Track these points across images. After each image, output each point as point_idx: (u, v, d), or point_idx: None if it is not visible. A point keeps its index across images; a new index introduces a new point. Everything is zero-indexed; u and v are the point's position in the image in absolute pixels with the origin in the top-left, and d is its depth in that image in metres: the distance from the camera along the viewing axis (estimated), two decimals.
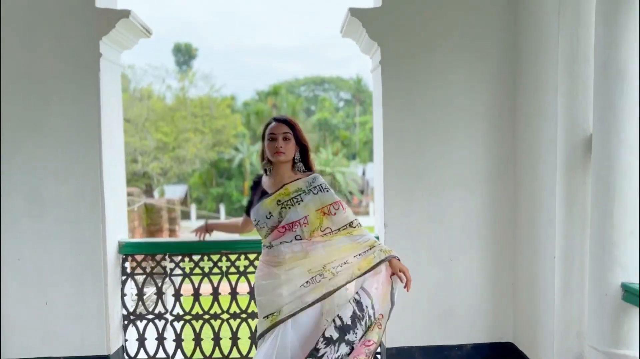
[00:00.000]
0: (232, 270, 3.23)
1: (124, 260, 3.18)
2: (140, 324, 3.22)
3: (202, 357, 3.24)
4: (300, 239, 2.33)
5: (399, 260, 2.33)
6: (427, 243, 3.12)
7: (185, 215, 32.34)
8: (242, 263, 3.25)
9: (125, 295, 3.19)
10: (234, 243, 3.21)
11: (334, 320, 2.24)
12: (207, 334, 3.27)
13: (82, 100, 2.93)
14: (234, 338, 3.24)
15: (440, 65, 3.05)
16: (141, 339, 3.21)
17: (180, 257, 3.20)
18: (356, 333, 2.23)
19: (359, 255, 2.34)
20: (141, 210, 8.84)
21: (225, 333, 3.26)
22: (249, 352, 3.26)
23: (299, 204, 2.35)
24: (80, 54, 2.92)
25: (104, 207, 2.99)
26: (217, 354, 3.24)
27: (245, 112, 39.58)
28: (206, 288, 3.26)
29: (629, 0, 2.18)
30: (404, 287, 2.32)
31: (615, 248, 2.25)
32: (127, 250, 3.15)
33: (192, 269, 3.22)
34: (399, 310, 2.41)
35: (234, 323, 3.26)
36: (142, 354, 3.23)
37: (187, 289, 3.29)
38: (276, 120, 2.43)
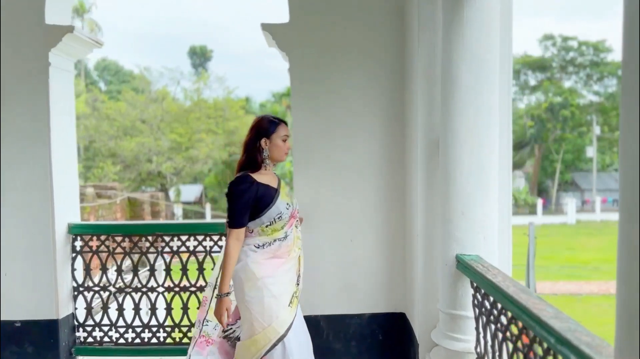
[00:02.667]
0: (167, 249, 3.73)
1: (74, 239, 3.70)
2: (88, 295, 3.74)
3: (140, 324, 3.74)
4: (297, 223, 2.71)
5: None
6: (332, 226, 3.58)
7: (200, 216, 33.15)
8: (175, 244, 3.74)
9: (75, 269, 3.71)
10: (168, 226, 3.71)
11: None
12: (145, 304, 3.78)
13: (34, 102, 3.47)
14: (168, 309, 3.74)
15: (340, 73, 3.51)
16: (88, 308, 3.73)
17: (121, 238, 3.72)
18: None
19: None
20: (124, 203, 9.45)
21: (160, 304, 3.76)
22: (181, 321, 3.75)
23: (292, 192, 2.85)
24: (33, 63, 3.46)
25: (52, 194, 3.51)
26: (153, 322, 3.75)
27: (260, 114, 40.17)
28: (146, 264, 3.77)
29: (459, 21, 2.61)
30: None
31: (451, 224, 2.68)
32: (75, 231, 3.68)
33: (131, 248, 3.74)
34: (307, 284, 2.88)
35: (168, 296, 3.76)
36: (89, 321, 3.75)
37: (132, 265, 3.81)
38: (283, 122, 2.68)
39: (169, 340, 3.70)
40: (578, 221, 34.19)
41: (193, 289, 3.68)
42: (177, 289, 3.72)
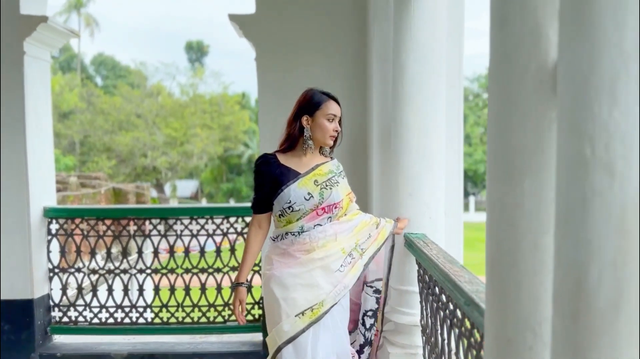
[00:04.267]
0: (139, 233, 3.88)
1: (49, 223, 3.84)
2: (63, 276, 3.89)
3: (114, 304, 3.89)
4: (331, 220, 2.30)
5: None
6: None
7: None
8: (147, 227, 3.89)
9: (50, 251, 3.85)
10: (139, 210, 3.85)
11: (367, 315, 2.49)
12: (117, 286, 3.92)
13: (9, 90, 3.60)
14: (140, 290, 3.88)
15: (304, 62, 3.64)
16: (64, 289, 3.87)
17: (94, 221, 3.86)
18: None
19: (374, 229, 2.44)
20: (109, 193, 9.60)
21: (133, 286, 3.91)
22: (152, 301, 3.89)
23: (337, 185, 2.32)
24: (7, 52, 3.59)
25: (28, 178, 3.65)
26: (126, 302, 3.89)
27: (256, 109, 40.23)
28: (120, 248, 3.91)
29: (407, 13, 2.75)
30: None
31: (400, 205, 2.82)
32: (51, 214, 3.81)
33: (104, 231, 3.88)
34: None
35: (140, 277, 3.89)
36: (64, 301, 3.90)
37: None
38: (333, 98, 2.37)
39: (141, 320, 3.84)
40: None
41: (164, 271, 3.82)
42: (148, 271, 3.86)
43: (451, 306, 2.03)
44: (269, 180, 2.26)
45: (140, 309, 3.84)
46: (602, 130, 0.75)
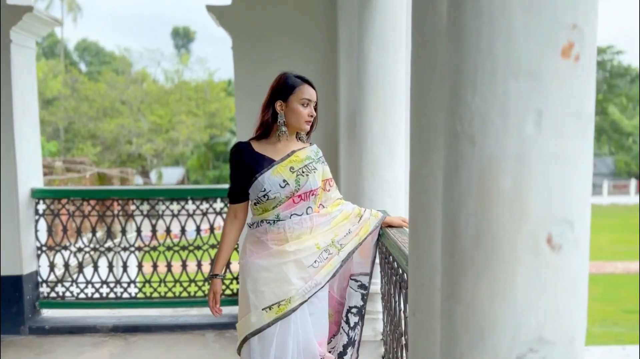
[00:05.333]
0: (122, 213, 4.10)
1: (37, 203, 4.04)
2: (51, 254, 4.10)
3: (99, 280, 4.11)
4: (311, 211, 2.23)
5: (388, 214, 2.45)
6: None
7: (177, 202, 33.30)
8: (130, 207, 4.11)
9: (38, 230, 4.05)
10: (123, 191, 4.06)
11: (350, 312, 2.39)
12: (103, 263, 4.15)
13: None
14: (124, 267, 4.10)
15: (279, 53, 3.86)
16: (51, 266, 4.08)
17: (80, 201, 4.07)
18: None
19: (357, 223, 2.34)
20: (93, 178, 9.77)
21: (118, 263, 4.13)
22: (136, 277, 4.13)
23: (315, 172, 2.24)
24: None
25: (15, 161, 3.84)
26: (110, 278, 4.11)
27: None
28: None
29: (369, 6, 2.98)
30: None
31: (363, 184, 3.07)
32: (38, 195, 4.01)
33: (89, 211, 4.09)
34: None
35: (124, 254, 4.12)
36: (52, 277, 4.11)
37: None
38: (307, 82, 2.31)
39: (125, 295, 4.07)
40: None
41: (147, 249, 4.05)
42: (132, 249, 4.09)
43: (400, 271, 2.29)
44: (244, 168, 2.19)
45: (125, 285, 4.07)
46: (467, 111, 1.00)
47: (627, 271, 19.15)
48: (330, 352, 2.41)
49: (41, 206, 4.04)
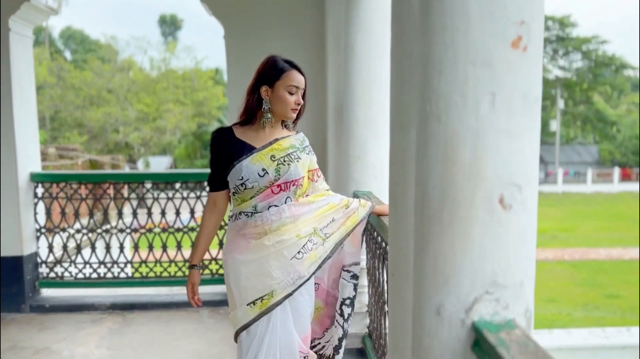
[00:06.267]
0: (118, 196, 4.26)
1: (36, 187, 4.19)
2: (49, 235, 4.25)
3: (97, 261, 4.28)
4: (290, 201, 2.12)
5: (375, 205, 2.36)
6: None
7: (170, 187, 33.35)
8: (126, 192, 4.27)
9: (37, 213, 4.20)
10: (118, 175, 4.22)
11: (345, 304, 2.32)
12: (100, 244, 4.31)
13: None
14: (121, 248, 4.27)
15: (270, 42, 4.03)
16: (50, 247, 4.24)
17: (77, 185, 4.23)
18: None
19: (343, 213, 2.25)
20: (85, 164, 9.89)
21: (115, 244, 4.30)
22: (132, 257, 4.30)
23: (298, 161, 2.12)
24: None
25: (15, 147, 3.98)
26: (108, 259, 4.28)
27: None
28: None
29: (356, 1, 3.15)
30: None
31: (350, 167, 3.27)
32: (37, 179, 4.16)
33: (86, 195, 4.25)
34: None
35: (121, 236, 4.28)
36: (51, 258, 4.27)
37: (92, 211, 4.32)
38: (296, 68, 2.20)
39: (122, 275, 4.24)
40: (540, 193, 34.37)
41: (143, 231, 4.22)
42: (128, 230, 4.26)
43: (383, 244, 2.49)
44: (223, 155, 2.10)
45: (122, 265, 4.24)
46: (434, 93, 1.18)
47: (609, 258, 19.54)
48: (324, 346, 2.37)
49: (40, 190, 4.19)
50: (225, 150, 2.10)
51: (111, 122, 31.41)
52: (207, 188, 2.24)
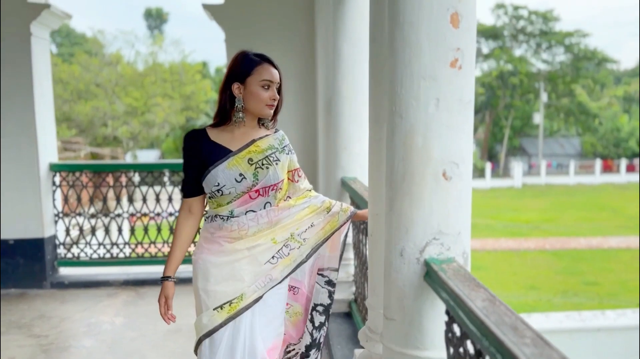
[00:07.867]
0: (129, 183, 4.72)
1: (54, 175, 4.63)
2: (67, 220, 4.70)
3: (110, 242, 4.74)
4: (270, 206, 2.03)
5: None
6: None
7: (158, 182, 33.62)
8: (136, 179, 4.73)
9: (55, 199, 4.65)
10: (127, 165, 4.67)
11: (316, 310, 2.19)
12: (113, 227, 4.77)
13: (19, 65, 4.33)
14: (132, 230, 4.74)
15: (265, 44, 4.50)
16: (67, 230, 4.69)
17: (92, 174, 4.68)
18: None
19: (322, 217, 2.15)
20: (87, 157, 10.30)
21: (126, 227, 4.77)
22: (142, 238, 4.77)
23: (277, 164, 2.01)
24: (16, 33, 4.31)
25: (37, 139, 4.42)
26: (120, 240, 4.74)
27: (217, 79, 40.21)
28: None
29: (342, 9, 3.63)
30: None
31: (337, 156, 3.76)
32: (55, 168, 4.61)
33: (100, 183, 4.70)
34: None
35: (132, 220, 4.75)
36: (68, 240, 4.73)
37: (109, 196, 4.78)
38: (268, 61, 2.03)
39: (133, 254, 4.71)
40: (524, 185, 35.13)
41: (152, 215, 4.69)
42: (138, 214, 4.72)
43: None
44: (196, 159, 1.98)
45: (133, 246, 4.71)
46: (397, 98, 1.68)
47: (589, 247, 20.13)
48: (291, 352, 2.25)
49: (57, 179, 4.63)
50: (199, 154, 1.97)
51: (99, 116, 31.52)
52: (181, 194, 2.13)
